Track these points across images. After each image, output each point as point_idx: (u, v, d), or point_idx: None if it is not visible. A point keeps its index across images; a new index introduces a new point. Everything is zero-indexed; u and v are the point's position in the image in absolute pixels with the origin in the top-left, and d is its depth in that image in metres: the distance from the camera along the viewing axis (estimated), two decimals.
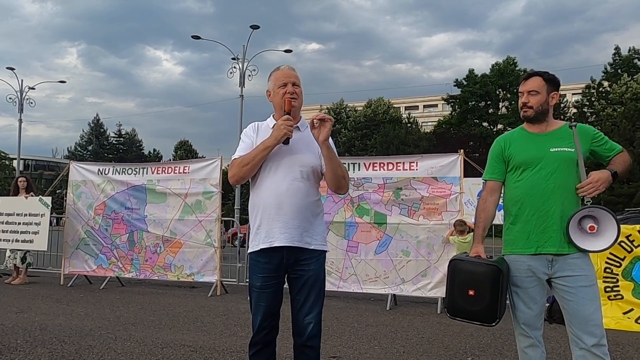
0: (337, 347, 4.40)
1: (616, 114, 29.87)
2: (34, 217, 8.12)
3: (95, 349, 4.18)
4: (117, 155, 49.41)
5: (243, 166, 2.42)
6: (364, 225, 6.74)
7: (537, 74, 2.64)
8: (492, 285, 2.45)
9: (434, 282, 6.40)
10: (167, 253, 7.61)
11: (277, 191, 2.42)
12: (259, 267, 2.48)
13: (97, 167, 8.37)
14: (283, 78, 2.51)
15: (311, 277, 2.46)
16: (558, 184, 2.49)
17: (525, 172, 2.57)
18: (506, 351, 4.36)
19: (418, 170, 6.64)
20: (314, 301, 2.47)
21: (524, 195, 2.55)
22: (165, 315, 5.72)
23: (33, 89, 29.09)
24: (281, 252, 2.43)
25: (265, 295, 2.47)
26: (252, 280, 2.52)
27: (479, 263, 2.51)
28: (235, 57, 23.11)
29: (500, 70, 36.95)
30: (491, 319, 2.47)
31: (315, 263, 2.48)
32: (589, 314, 2.41)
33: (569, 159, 2.51)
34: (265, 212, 2.45)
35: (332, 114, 43.63)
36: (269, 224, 2.43)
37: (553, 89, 2.62)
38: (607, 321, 5.41)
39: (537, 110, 2.58)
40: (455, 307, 2.56)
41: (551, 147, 2.54)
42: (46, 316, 5.51)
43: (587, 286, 2.44)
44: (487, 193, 2.72)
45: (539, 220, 2.50)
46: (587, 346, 2.39)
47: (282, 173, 2.44)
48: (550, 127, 2.63)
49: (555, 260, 2.47)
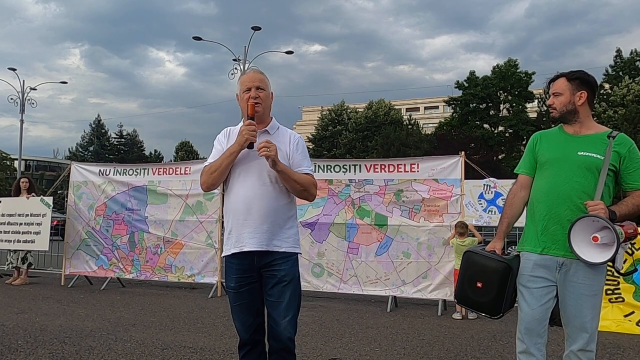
0: (337, 349, 4.40)
1: (617, 116, 29.81)
2: (35, 217, 8.13)
3: (96, 350, 4.18)
4: (118, 156, 49.40)
5: (211, 173, 2.46)
6: (365, 227, 6.74)
7: (562, 75, 2.59)
8: (500, 281, 2.50)
9: (434, 284, 6.40)
10: (168, 254, 7.61)
11: (246, 195, 2.44)
12: (232, 268, 2.51)
13: (98, 167, 8.37)
14: (247, 82, 2.51)
15: (284, 277, 2.45)
16: (576, 189, 2.43)
17: (548, 171, 2.53)
18: (507, 354, 4.35)
19: (419, 172, 6.63)
20: (288, 303, 2.44)
21: (542, 195, 2.53)
22: (165, 316, 5.72)
23: (34, 90, 29.14)
24: (251, 255, 2.46)
25: (241, 295, 2.49)
26: (228, 281, 2.55)
27: (492, 258, 2.54)
28: (237, 59, 23.16)
29: (501, 72, 36.88)
30: (495, 312, 2.53)
31: (286, 264, 2.47)
32: (584, 322, 2.43)
33: (595, 166, 2.43)
34: (235, 216, 2.47)
35: (333, 116, 43.65)
36: (238, 229, 2.47)
37: (581, 88, 2.53)
38: (608, 324, 5.42)
39: (561, 111, 2.55)
40: (462, 295, 2.66)
41: (580, 150, 2.47)
42: (47, 317, 5.51)
43: (589, 295, 2.42)
44: (517, 187, 2.68)
45: (549, 222, 2.48)
46: (574, 349, 2.44)
47: (251, 178, 2.45)
48: (587, 130, 2.53)
49: (565, 264, 2.45)
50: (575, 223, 2.35)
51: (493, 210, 6.88)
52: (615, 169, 2.46)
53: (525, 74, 36.86)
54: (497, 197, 6.87)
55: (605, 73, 34.83)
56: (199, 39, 24.20)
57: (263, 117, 2.52)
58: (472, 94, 36.98)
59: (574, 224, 2.36)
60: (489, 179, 7.02)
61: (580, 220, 2.35)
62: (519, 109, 36.05)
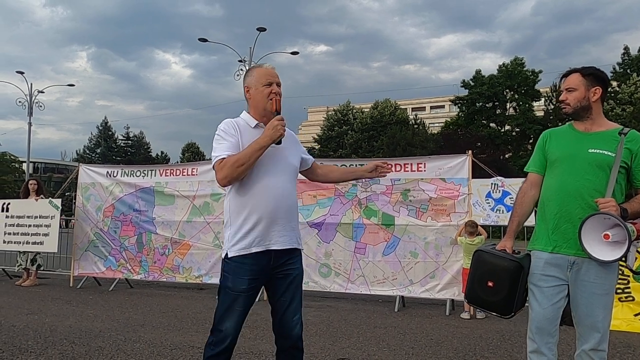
0: (346, 349, 4.40)
1: (625, 114, 29.60)
2: (44, 219, 8.18)
3: (105, 350, 4.20)
4: (125, 158, 49.66)
5: (238, 166, 2.29)
6: (372, 227, 6.72)
7: (575, 70, 2.55)
8: (511, 281, 2.47)
9: (442, 284, 6.38)
10: (176, 255, 7.64)
11: (274, 193, 2.36)
12: (244, 268, 2.35)
13: (105, 169, 8.42)
14: (269, 77, 2.45)
15: (297, 276, 2.47)
16: (587, 186, 2.41)
17: (558, 169, 2.50)
18: (516, 353, 4.33)
19: (426, 171, 6.61)
20: (299, 301, 2.46)
21: (552, 193, 2.50)
22: (174, 317, 5.74)
23: (42, 93, 29.37)
24: (270, 255, 2.38)
25: (248, 298, 2.38)
26: (237, 283, 2.36)
27: (503, 257, 2.51)
28: (242, 60, 23.22)
29: (507, 71, 36.74)
30: (507, 312, 2.51)
31: (299, 261, 2.50)
32: (596, 322, 2.41)
33: (606, 163, 2.40)
34: (260, 213, 2.34)
35: (339, 116, 43.63)
36: (265, 227, 2.35)
37: (595, 84, 2.49)
38: (618, 323, 5.38)
39: (575, 107, 2.51)
40: (472, 295, 2.63)
41: (590, 147, 2.44)
42: (56, 317, 5.55)
43: (600, 294, 2.40)
44: (527, 186, 2.65)
45: (560, 220, 2.46)
46: (585, 349, 2.42)
47: (277, 175, 2.38)
48: (598, 128, 2.50)
49: (577, 263, 2.43)
50: (586, 221, 2.33)
51: (501, 209, 6.86)
52: (627, 166, 2.43)
53: (532, 73, 36.69)
54: (505, 196, 6.84)
55: (613, 71, 34.59)
56: (204, 41, 24.29)
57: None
58: (478, 93, 36.87)
59: (585, 221, 2.33)
60: (496, 177, 6.99)
61: (591, 217, 2.32)
62: (526, 107, 35.89)
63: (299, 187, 7.10)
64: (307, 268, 6.95)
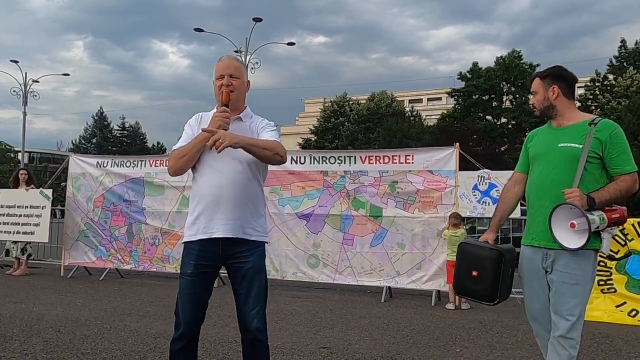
0: (328, 338, 4.45)
1: (621, 107, 29.59)
2: (34, 209, 8.20)
3: (89, 338, 4.24)
4: (121, 148, 49.49)
5: (180, 158, 2.41)
6: (360, 218, 6.77)
7: (536, 75, 2.73)
8: (494, 268, 2.61)
9: (428, 275, 6.44)
10: (166, 245, 7.68)
11: (218, 182, 2.41)
12: (192, 254, 2.44)
13: (95, 159, 8.43)
14: (221, 70, 2.51)
15: (251, 269, 2.45)
16: (556, 180, 2.49)
17: (534, 165, 2.64)
18: (495, 343, 4.39)
19: (414, 163, 6.65)
20: (256, 295, 2.45)
21: (530, 189, 2.65)
22: (161, 306, 5.79)
23: (37, 82, 29.19)
24: (217, 243, 2.42)
25: (194, 284, 2.43)
26: (184, 268, 2.46)
27: (484, 247, 2.68)
28: (238, 50, 23.08)
29: (505, 63, 36.62)
30: (491, 299, 2.64)
31: (254, 254, 2.47)
32: (564, 309, 2.48)
33: (573, 156, 2.47)
34: (205, 203, 2.42)
35: (335, 107, 43.53)
36: (209, 215, 2.41)
37: (552, 83, 2.61)
38: (600, 314, 5.46)
39: (540, 109, 2.67)
40: (460, 285, 2.79)
41: (560, 142, 2.53)
42: (44, 306, 5.59)
43: (570, 284, 2.47)
44: (511, 183, 2.81)
45: (535, 214, 2.58)
46: (555, 335, 2.51)
47: (222, 164, 2.42)
48: (568, 122, 2.59)
49: (549, 254, 2.52)
50: (554, 211, 2.42)
51: (487, 201, 6.91)
52: (598, 156, 2.48)
53: (529, 66, 36.61)
54: (491, 189, 6.89)
55: (610, 64, 34.56)
56: (200, 31, 24.15)
57: (237, 104, 2.52)
58: (475, 85, 36.79)
59: (553, 212, 2.43)
60: (483, 170, 7.03)
61: (558, 208, 2.41)
62: (522, 100, 35.81)
63: (288, 178, 7.23)
64: (295, 259, 7.01)
